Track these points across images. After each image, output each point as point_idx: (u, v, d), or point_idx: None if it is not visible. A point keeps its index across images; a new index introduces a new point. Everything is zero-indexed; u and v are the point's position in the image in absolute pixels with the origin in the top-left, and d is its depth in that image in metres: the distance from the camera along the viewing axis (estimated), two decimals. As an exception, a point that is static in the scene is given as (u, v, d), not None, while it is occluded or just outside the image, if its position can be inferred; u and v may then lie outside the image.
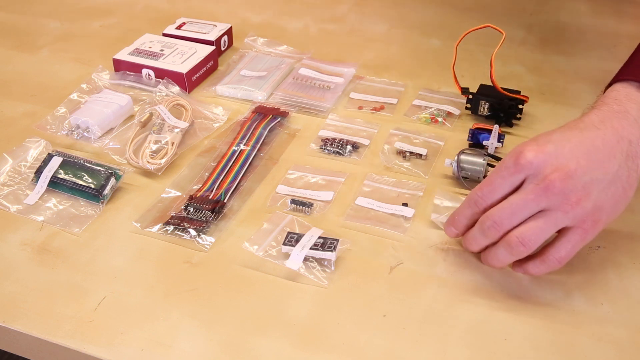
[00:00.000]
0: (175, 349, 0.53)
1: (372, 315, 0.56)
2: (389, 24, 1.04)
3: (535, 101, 0.82)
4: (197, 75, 0.87)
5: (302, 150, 0.76)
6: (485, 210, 0.57)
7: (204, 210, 0.65)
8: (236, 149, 0.74)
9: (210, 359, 0.53)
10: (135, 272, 0.60)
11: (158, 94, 0.82)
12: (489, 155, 0.70)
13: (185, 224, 0.64)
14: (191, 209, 0.65)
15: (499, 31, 0.74)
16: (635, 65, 0.63)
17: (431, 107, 0.82)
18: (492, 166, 0.70)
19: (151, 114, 0.77)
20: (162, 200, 0.68)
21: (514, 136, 0.78)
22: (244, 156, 0.73)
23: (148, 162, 0.71)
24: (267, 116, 0.79)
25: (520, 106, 0.78)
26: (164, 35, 0.93)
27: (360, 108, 0.83)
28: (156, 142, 0.74)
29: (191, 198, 0.67)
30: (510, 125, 0.79)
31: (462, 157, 0.69)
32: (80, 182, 0.68)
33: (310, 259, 0.61)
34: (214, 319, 0.56)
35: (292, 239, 0.61)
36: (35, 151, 0.74)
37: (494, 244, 0.57)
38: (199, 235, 0.63)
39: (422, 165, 0.73)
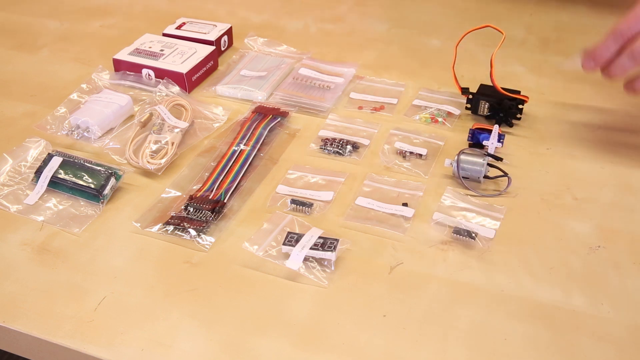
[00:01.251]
0: (175, 349, 0.53)
1: (372, 315, 0.56)
2: (389, 24, 1.04)
3: (535, 101, 0.82)
4: (197, 75, 0.87)
5: (302, 150, 0.76)
6: (630, 40, 0.62)
7: (204, 210, 0.65)
8: (236, 149, 0.74)
9: (210, 359, 0.53)
10: (135, 272, 0.60)
11: (158, 94, 0.82)
12: (489, 155, 0.70)
13: (185, 224, 0.64)
14: (191, 209, 0.65)
15: (499, 31, 0.74)
16: None
17: (431, 107, 0.82)
18: (492, 166, 0.70)
19: (151, 114, 0.77)
20: (162, 200, 0.68)
21: (514, 136, 0.77)
22: (244, 156, 0.73)
23: (148, 162, 0.71)
24: (267, 116, 0.79)
25: (520, 106, 0.78)
26: (164, 35, 0.93)
27: (360, 108, 0.83)
28: (156, 142, 0.74)
29: (191, 198, 0.67)
30: (510, 125, 0.79)
31: (462, 157, 0.69)
32: (80, 182, 0.68)
33: (310, 259, 0.61)
34: (214, 319, 0.56)
35: (292, 239, 0.61)
36: (35, 151, 0.74)
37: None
38: (199, 235, 0.63)
39: (422, 165, 0.73)
